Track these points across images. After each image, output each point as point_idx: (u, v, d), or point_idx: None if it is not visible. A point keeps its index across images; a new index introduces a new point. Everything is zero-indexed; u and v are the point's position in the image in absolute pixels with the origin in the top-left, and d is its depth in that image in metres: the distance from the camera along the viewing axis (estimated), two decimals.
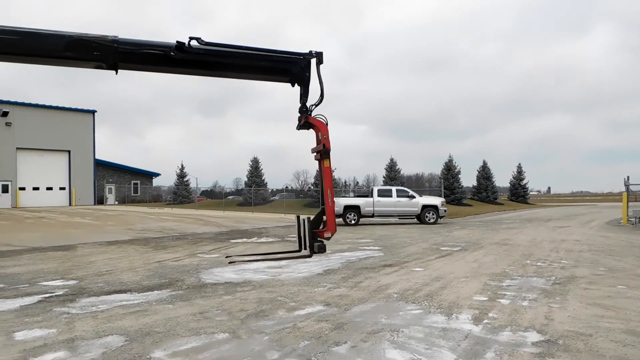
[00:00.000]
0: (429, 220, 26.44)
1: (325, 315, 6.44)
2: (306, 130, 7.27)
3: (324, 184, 6.44)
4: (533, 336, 5.42)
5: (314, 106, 6.98)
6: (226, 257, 8.20)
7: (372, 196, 26.75)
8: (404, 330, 5.68)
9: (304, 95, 7.04)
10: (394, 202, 26.56)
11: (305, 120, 6.91)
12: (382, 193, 26.93)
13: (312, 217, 7.08)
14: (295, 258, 7.71)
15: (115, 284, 8.79)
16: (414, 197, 26.99)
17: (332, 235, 6.41)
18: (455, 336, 5.45)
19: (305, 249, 6.59)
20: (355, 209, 26.08)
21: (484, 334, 5.54)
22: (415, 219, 27.35)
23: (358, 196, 27.78)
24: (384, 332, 5.61)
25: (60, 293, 8.05)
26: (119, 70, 6.50)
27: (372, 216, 26.53)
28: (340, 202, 26.11)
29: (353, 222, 25.74)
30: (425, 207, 26.71)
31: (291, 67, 6.95)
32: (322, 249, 6.16)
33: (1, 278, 9.57)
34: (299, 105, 7.10)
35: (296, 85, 7.19)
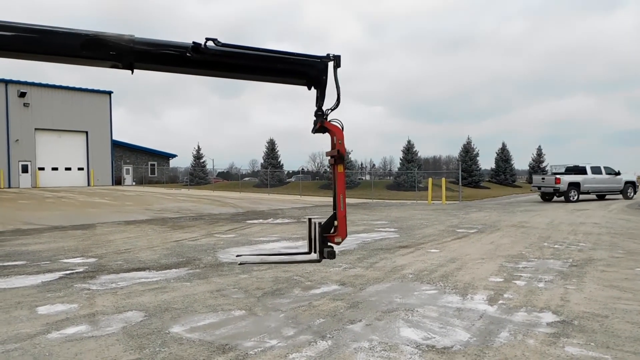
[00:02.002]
0: (629, 195, 28.02)
1: (340, 294, 6.50)
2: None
3: (337, 189, 6.43)
4: (548, 317, 5.43)
5: (330, 110, 6.93)
6: (237, 256, 8.28)
7: (586, 173, 27.66)
8: (419, 310, 5.71)
9: (320, 99, 6.98)
10: (605, 179, 27.79)
11: (321, 125, 6.88)
12: (594, 170, 27.87)
13: (323, 221, 7.13)
14: (305, 262, 7.80)
15: (134, 262, 8.93)
16: (618, 174, 28.14)
17: (342, 240, 6.45)
18: (470, 316, 5.47)
19: (315, 252, 6.65)
20: (576, 185, 27.09)
21: (499, 314, 5.55)
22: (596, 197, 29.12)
23: (575, 173, 28.81)
24: (398, 311, 5.65)
25: (81, 270, 8.20)
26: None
27: (588, 192, 27.65)
28: (565, 179, 27.20)
29: (574, 198, 26.84)
30: (627, 183, 28.17)
31: (308, 70, 6.88)
32: (331, 255, 6.20)
33: (23, 255, 9.77)
34: (315, 108, 7.07)
35: (312, 88, 7.15)
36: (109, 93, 49.46)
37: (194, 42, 6.03)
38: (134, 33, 5.75)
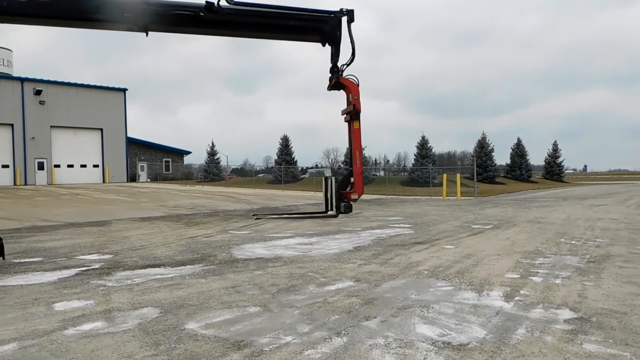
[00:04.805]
0: None
1: (355, 290, 6.48)
2: (337, 92, 7.14)
3: (353, 146, 6.38)
4: (565, 313, 5.36)
5: (345, 66, 6.86)
6: (253, 215, 8.27)
7: None
8: (434, 306, 5.67)
9: (335, 55, 6.93)
10: None
11: (336, 81, 6.81)
12: None
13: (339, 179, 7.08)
14: (322, 218, 7.74)
15: (150, 259, 8.97)
16: None
17: (359, 197, 6.38)
18: (486, 312, 5.42)
19: (331, 209, 6.58)
20: None
21: (516, 310, 5.50)
22: None
23: None
24: (414, 308, 5.61)
25: (97, 266, 8.25)
26: (150, 34, 6.52)
27: None
28: None
29: None
30: None
31: (322, 26, 6.83)
32: (348, 209, 6.15)
33: (40, 252, 9.86)
34: (330, 65, 6.99)
35: (327, 45, 7.07)
36: (124, 90, 49.82)
37: (207, 1, 6.01)
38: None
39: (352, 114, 6.31)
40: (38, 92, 42.77)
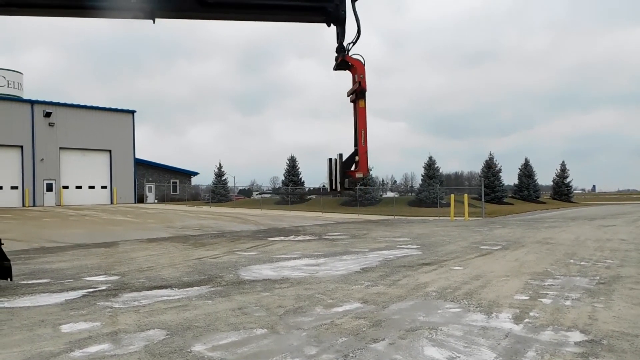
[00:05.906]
0: None
1: (363, 312, 6.43)
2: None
3: (358, 125, 6.35)
4: (576, 336, 5.30)
5: (351, 44, 6.87)
6: (259, 193, 8.32)
7: None
8: (443, 329, 5.62)
9: (340, 35, 6.95)
10: None
11: (342, 59, 6.82)
12: None
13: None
14: (327, 195, 7.71)
15: (156, 280, 8.95)
16: None
17: (363, 175, 6.35)
18: (495, 335, 5.36)
19: (335, 188, 6.54)
20: None
21: (525, 333, 5.43)
22: None
23: None
24: (422, 330, 5.56)
25: (104, 288, 8.24)
26: (157, 20, 6.59)
27: None
28: None
29: None
30: None
31: (326, 5, 6.86)
32: (352, 184, 6.11)
33: (47, 273, 9.86)
34: (336, 45, 7.01)
35: (332, 25, 7.10)
36: (132, 112, 50.15)
37: None
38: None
39: (358, 92, 6.31)
40: (48, 114, 43.12)
